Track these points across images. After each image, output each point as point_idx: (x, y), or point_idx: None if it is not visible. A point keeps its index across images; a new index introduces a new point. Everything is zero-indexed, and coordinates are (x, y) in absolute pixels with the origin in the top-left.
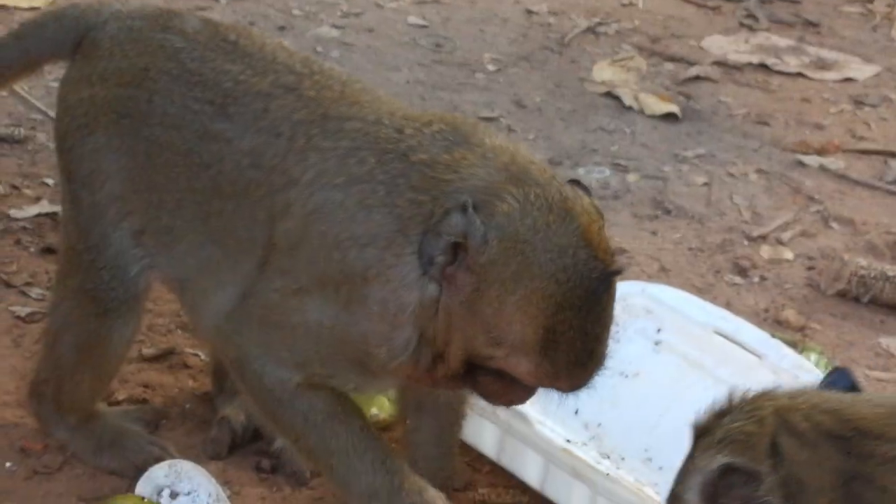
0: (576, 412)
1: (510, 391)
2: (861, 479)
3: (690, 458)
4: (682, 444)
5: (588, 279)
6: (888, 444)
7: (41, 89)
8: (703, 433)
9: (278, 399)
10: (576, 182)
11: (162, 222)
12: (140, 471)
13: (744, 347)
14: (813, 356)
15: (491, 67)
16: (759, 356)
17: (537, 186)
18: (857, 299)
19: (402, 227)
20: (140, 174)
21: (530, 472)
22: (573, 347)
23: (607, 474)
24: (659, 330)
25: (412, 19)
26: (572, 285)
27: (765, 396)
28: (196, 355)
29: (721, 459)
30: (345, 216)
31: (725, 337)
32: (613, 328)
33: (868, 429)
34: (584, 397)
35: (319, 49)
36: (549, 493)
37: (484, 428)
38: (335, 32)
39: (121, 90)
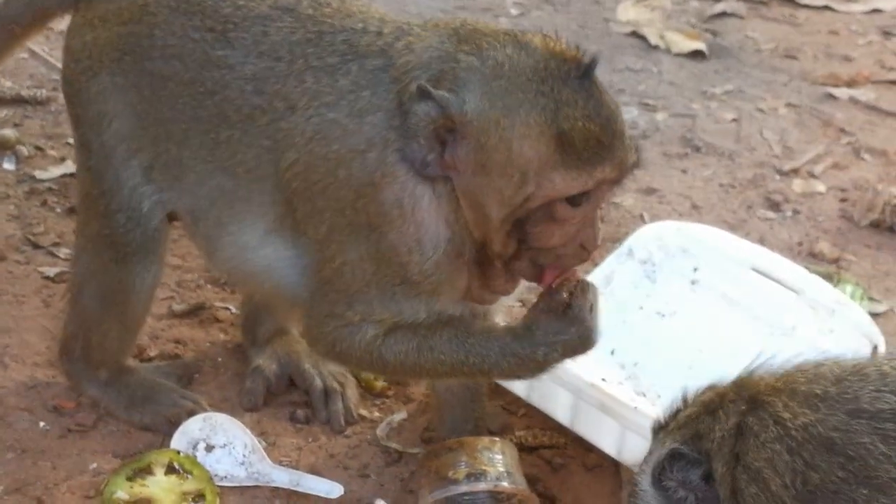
0: (612, 352)
1: (571, 226)
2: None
3: (648, 451)
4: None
5: (568, 79)
6: None
7: (62, 51)
8: (660, 428)
9: (372, 359)
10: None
11: (171, 155)
12: (173, 425)
13: (781, 284)
14: (849, 288)
15: (514, 11)
16: (796, 292)
17: (485, 36)
18: (891, 229)
19: (392, 123)
20: (145, 109)
21: (560, 409)
22: (589, 133)
23: (635, 408)
24: (695, 269)
25: None
26: (557, 90)
27: (716, 388)
28: (226, 309)
29: (670, 445)
30: (340, 132)
31: (762, 274)
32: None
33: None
34: (620, 337)
35: None
36: (580, 430)
37: None
38: None
39: (122, 28)
